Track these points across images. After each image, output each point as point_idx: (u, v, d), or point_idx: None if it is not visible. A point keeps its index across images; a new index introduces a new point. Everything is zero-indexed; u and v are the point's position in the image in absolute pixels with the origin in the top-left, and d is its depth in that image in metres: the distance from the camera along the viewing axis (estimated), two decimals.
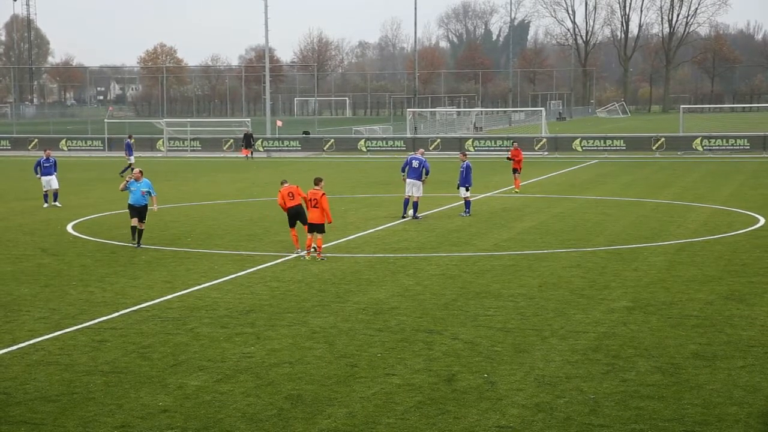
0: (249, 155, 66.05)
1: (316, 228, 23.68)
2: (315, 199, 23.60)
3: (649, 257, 23.73)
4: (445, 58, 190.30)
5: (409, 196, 31.25)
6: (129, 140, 54.34)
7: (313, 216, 23.62)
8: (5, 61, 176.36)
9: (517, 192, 39.87)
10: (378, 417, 12.23)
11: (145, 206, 25.83)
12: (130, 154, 52.83)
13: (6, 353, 15.24)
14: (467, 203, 32.42)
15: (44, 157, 36.53)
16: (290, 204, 24.25)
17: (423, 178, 31.23)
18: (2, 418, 12.20)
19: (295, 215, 24.37)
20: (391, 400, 12.88)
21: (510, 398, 12.88)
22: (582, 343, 15.60)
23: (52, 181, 35.96)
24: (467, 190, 32.47)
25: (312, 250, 23.85)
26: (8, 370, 14.29)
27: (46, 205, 35.54)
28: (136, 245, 25.59)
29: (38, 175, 36.20)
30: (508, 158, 42.16)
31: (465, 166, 32.65)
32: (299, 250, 24.25)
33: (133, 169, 29.43)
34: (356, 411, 12.44)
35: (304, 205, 24.09)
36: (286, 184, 24.70)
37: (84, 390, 13.33)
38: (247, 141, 67.00)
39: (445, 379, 13.77)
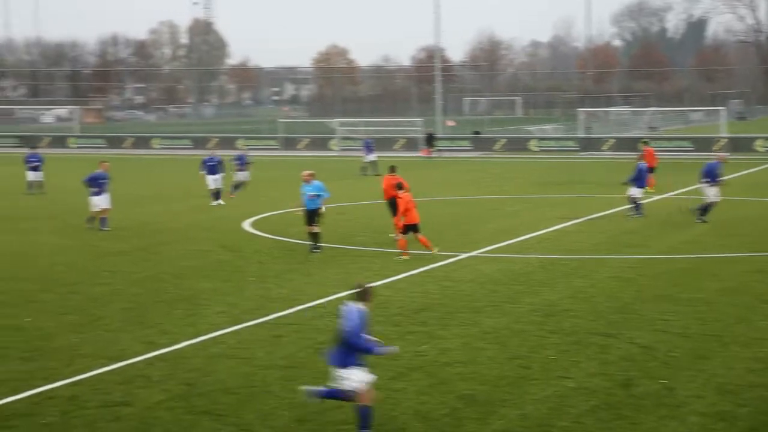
0: (430, 155, 66.23)
1: (417, 227, 24.32)
2: (411, 201, 24.48)
3: None
4: (619, 57, 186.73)
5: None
6: (369, 139, 54.71)
7: (413, 217, 24.23)
8: (186, 63, 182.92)
9: (651, 191, 39.08)
10: (552, 420, 12.09)
11: (316, 210, 25.06)
12: (369, 153, 52.90)
13: (189, 345, 15.79)
14: (638, 205, 31.67)
15: (209, 156, 37.52)
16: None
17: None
18: (186, 408, 12.65)
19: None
20: (565, 403, 12.72)
21: (689, 405, 12.52)
22: (766, 351, 15.02)
23: (217, 180, 36.85)
24: (640, 191, 31.73)
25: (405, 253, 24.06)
26: (191, 362, 14.80)
27: (214, 203, 36.47)
28: (315, 250, 25.00)
29: (202, 172, 37.21)
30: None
31: (641, 166, 31.92)
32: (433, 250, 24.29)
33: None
34: (529, 413, 12.34)
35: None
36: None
37: (262, 383, 13.68)
38: (429, 141, 67.28)
39: (620, 383, 13.50)
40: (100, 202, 29.68)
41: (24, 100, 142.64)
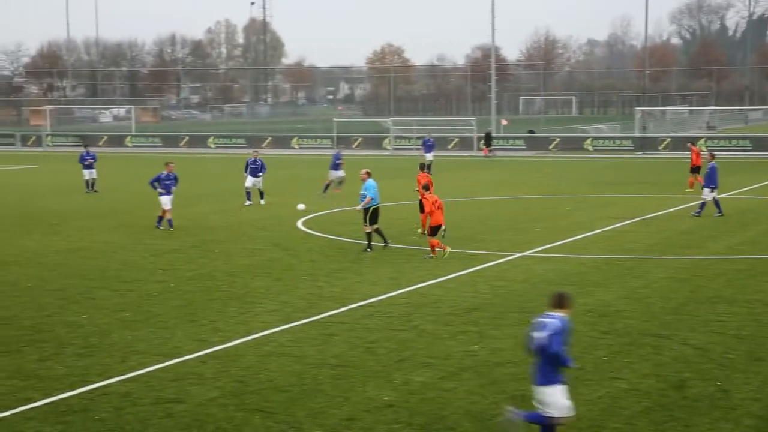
0: (489, 154, 65.98)
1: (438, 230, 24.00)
2: (440, 202, 24.19)
3: None
4: (677, 55, 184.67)
5: None
6: (429, 138, 54.20)
7: (438, 218, 23.88)
8: (242, 62, 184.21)
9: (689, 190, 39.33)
10: (604, 421, 12.00)
11: (367, 209, 25.14)
12: (428, 151, 52.64)
13: (241, 343, 15.90)
14: (702, 204, 31.29)
15: (252, 158, 37.36)
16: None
17: None
18: (238, 405, 12.74)
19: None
20: (617, 404, 12.61)
21: (745, 408, 12.35)
22: None
23: (257, 182, 36.60)
24: (712, 191, 31.36)
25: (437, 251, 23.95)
26: (243, 360, 14.90)
27: (248, 202, 36.31)
28: (383, 245, 25.27)
29: (246, 173, 37.05)
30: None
31: (711, 167, 31.57)
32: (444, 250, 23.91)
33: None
34: (581, 414, 12.23)
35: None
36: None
37: (313, 382, 13.73)
38: (487, 140, 67.07)
39: (674, 385, 13.36)
40: (168, 202, 30.05)
41: (83, 100, 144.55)
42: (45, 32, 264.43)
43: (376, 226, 25.34)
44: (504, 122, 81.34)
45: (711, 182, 31.37)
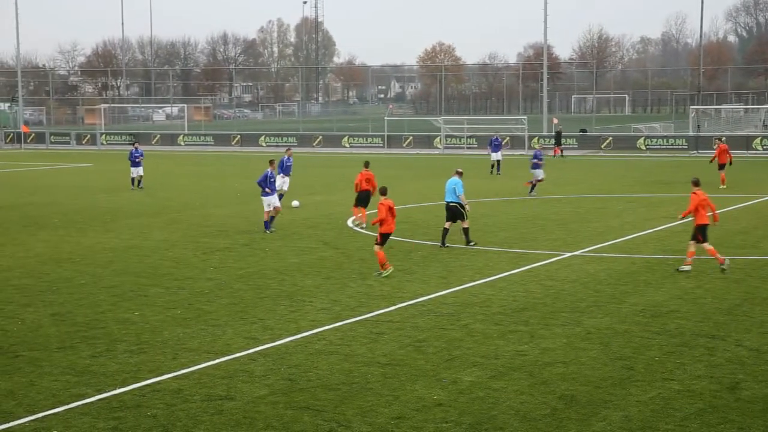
0: (560, 153, 65.01)
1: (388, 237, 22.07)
2: (392, 207, 21.94)
3: None
4: (733, 53, 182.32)
5: None
6: (497, 137, 53.37)
7: (388, 227, 21.83)
8: (294, 61, 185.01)
9: (722, 187, 39.55)
10: (655, 422, 11.87)
11: (451, 206, 25.44)
12: (496, 150, 51.98)
13: (291, 341, 15.95)
14: None
15: (287, 157, 36.63)
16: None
17: None
18: (288, 403, 12.78)
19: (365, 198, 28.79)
20: (670, 405, 12.47)
21: None
22: None
23: (285, 183, 35.42)
24: None
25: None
26: (293, 357, 14.95)
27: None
28: (467, 244, 25.38)
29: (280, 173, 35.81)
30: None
31: None
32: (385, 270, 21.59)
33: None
34: (632, 415, 12.13)
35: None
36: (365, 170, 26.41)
37: (362, 380, 13.73)
38: (558, 139, 66.45)
39: (728, 387, 13.18)
40: (273, 201, 29.00)
41: (136, 99, 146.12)
42: (100, 32, 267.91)
43: (461, 224, 25.58)
44: (555, 121, 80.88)
45: None
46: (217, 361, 14.78)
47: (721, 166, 41.42)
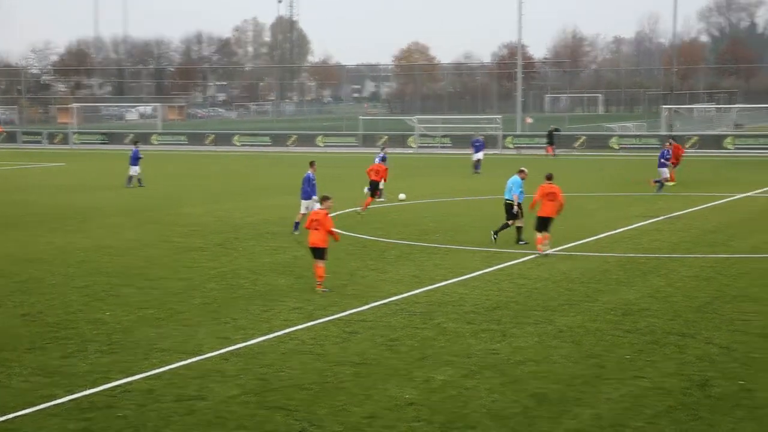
0: (552, 153, 64.42)
1: (320, 253, 20.06)
2: (318, 220, 20.05)
3: None
4: (705, 53, 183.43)
5: None
6: (478, 138, 53.62)
7: (314, 239, 20.05)
8: (269, 60, 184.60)
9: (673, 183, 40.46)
10: (625, 420, 11.94)
11: (509, 204, 25.86)
12: (478, 150, 51.92)
13: (264, 341, 15.93)
14: None
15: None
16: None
17: None
18: (260, 403, 12.76)
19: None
20: (640, 403, 12.54)
21: None
22: None
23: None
24: None
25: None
26: (265, 357, 14.93)
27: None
28: (517, 242, 25.57)
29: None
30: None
31: None
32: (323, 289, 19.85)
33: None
34: (603, 412, 12.19)
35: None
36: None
37: (334, 379, 13.73)
38: (551, 138, 66.37)
39: (697, 384, 13.28)
40: (311, 205, 26.86)
41: (110, 98, 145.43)
42: (74, 30, 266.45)
43: (513, 223, 25.85)
44: (528, 120, 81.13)
45: None
46: (189, 361, 14.73)
47: (673, 164, 42.43)
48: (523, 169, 26.36)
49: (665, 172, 39.44)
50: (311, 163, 28.84)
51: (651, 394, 12.86)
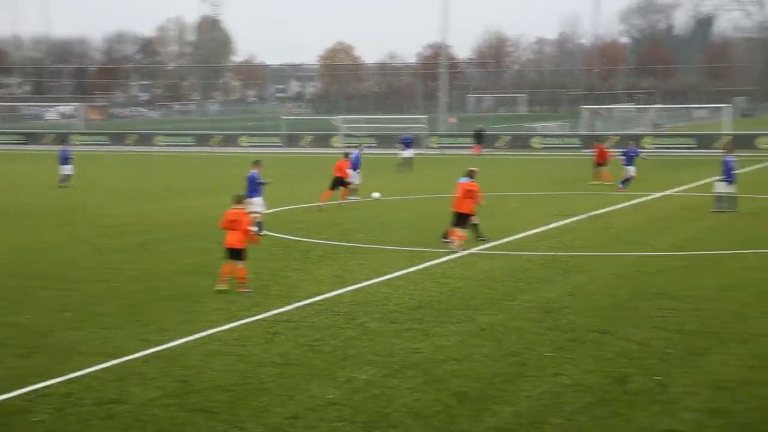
0: (479, 152, 64.48)
1: (237, 254, 19.88)
2: (235, 220, 19.90)
3: None
4: (625, 54, 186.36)
5: None
6: (407, 136, 54.39)
7: (231, 239, 19.85)
8: (192, 60, 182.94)
9: (608, 184, 40.97)
10: (545, 417, 12.07)
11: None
12: (407, 149, 52.57)
13: (185, 342, 15.78)
14: (720, 198, 31.62)
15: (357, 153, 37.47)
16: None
17: None
18: (180, 405, 12.64)
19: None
20: (560, 400, 12.69)
21: (683, 402, 12.49)
22: (763, 348, 14.99)
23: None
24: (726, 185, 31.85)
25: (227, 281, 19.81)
26: (187, 359, 14.79)
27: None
28: (477, 239, 25.46)
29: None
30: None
31: (725, 161, 32.29)
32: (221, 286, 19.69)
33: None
34: (523, 410, 12.32)
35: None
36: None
37: (257, 381, 13.66)
38: (478, 138, 66.54)
39: (616, 380, 13.48)
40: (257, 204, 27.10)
41: (28, 97, 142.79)
42: None
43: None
44: (451, 121, 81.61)
45: (727, 177, 31.80)
46: (108, 364, 14.52)
47: (600, 164, 43.14)
48: (474, 168, 26.34)
49: (632, 170, 40.07)
50: (256, 163, 28.54)
51: (570, 391, 13.02)
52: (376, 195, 34.22)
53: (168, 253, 24.83)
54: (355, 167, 37.31)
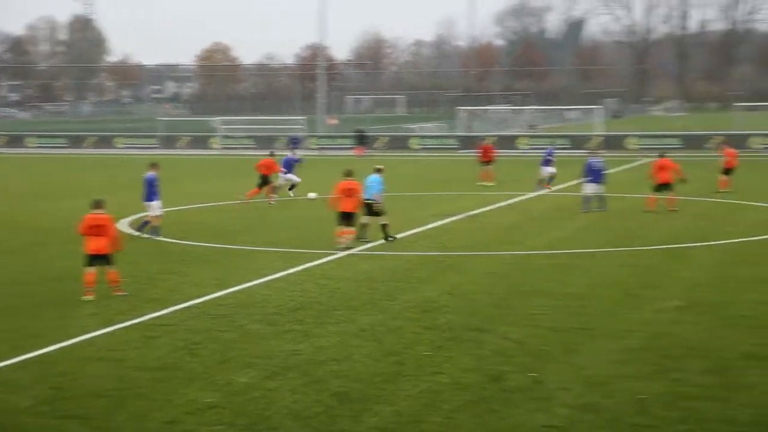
0: (363, 154, 64.14)
1: (104, 260, 19.38)
2: (100, 225, 19.45)
3: (702, 256, 23.45)
4: (501, 56, 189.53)
5: None
6: (296, 137, 54.43)
7: (96, 245, 19.29)
8: (65, 59, 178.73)
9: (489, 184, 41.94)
10: (425, 415, 12.20)
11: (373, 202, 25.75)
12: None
13: (59, 348, 15.43)
14: (588, 199, 32.29)
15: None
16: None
17: None
18: (53, 413, 12.36)
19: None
20: (439, 398, 12.84)
21: (558, 398, 12.78)
22: (632, 343, 15.44)
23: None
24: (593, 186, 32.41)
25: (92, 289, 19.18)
26: (61, 366, 14.47)
27: None
28: (386, 239, 25.80)
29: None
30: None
31: (590, 163, 32.82)
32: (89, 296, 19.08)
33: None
34: (403, 409, 12.43)
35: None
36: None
37: (134, 385, 13.45)
38: (361, 139, 66.41)
39: (493, 378, 13.70)
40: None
41: None
42: None
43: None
44: (331, 122, 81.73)
45: (594, 178, 32.34)
46: None
47: (486, 164, 43.73)
48: (380, 167, 26.51)
49: (546, 170, 40.56)
50: (153, 165, 28.02)
51: (449, 390, 13.19)
52: (312, 195, 33.95)
53: (41, 257, 24.26)
54: (288, 168, 38.12)
